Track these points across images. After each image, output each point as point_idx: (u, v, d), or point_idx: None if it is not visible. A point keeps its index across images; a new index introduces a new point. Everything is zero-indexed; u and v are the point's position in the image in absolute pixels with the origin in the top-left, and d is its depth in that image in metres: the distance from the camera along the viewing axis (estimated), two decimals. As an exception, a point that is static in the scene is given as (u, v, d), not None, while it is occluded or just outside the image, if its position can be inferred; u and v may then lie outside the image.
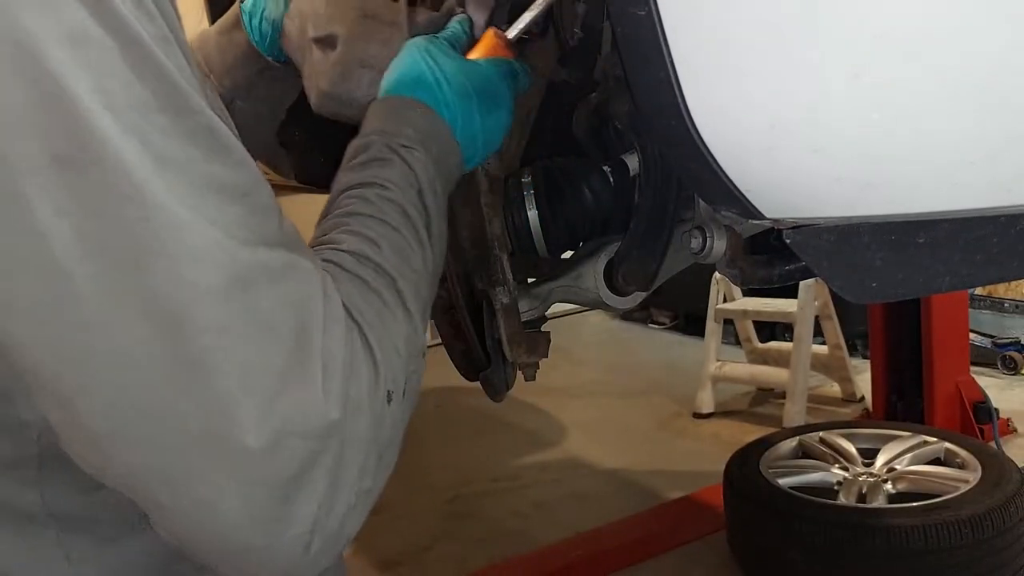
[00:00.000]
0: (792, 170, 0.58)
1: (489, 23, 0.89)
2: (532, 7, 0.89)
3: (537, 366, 1.11)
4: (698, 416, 3.73)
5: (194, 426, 0.49)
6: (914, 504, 2.17)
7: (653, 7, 0.55)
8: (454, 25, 0.87)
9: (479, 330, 1.09)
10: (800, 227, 0.66)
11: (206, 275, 0.49)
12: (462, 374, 1.12)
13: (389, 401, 0.57)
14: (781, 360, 3.68)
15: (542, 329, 1.16)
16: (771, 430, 3.00)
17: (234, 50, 1.00)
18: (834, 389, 3.82)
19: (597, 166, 1.17)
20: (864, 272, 0.65)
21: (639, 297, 1.14)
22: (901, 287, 0.68)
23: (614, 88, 1.13)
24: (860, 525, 2.11)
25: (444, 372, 1.26)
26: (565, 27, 1.18)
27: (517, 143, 1.16)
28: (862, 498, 2.33)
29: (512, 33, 0.87)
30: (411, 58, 0.79)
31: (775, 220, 0.66)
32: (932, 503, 2.16)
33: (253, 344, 0.50)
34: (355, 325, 0.57)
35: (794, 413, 3.42)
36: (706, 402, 3.73)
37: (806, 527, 2.15)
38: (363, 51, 0.85)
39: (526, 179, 1.13)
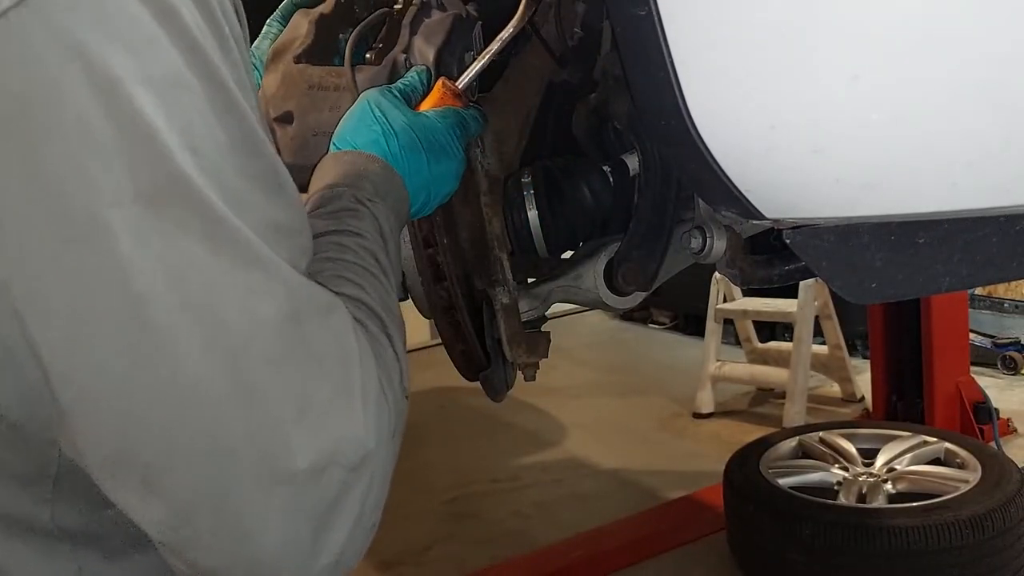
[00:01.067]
0: (792, 171, 0.58)
1: (438, 59, 0.92)
2: (479, 58, 0.94)
3: (537, 366, 1.11)
4: (698, 416, 3.73)
5: (248, 454, 0.50)
6: (914, 504, 2.17)
7: (653, 7, 0.55)
8: (411, 75, 0.91)
9: (479, 330, 1.09)
10: (800, 227, 0.66)
11: (268, 308, 0.51)
12: (462, 374, 1.12)
13: (393, 437, 0.60)
14: (781, 360, 3.68)
15: (542, 329, 1.16)
16: (771, 430, 3.00)
17: None
18: (834, 389, 3.82)
19: (597, 166, 1.17)
20: (864, 272, 0.66)
21: (639, 297, 1.14)
22: (901, 287, 0.68)
23: (614, 88, 1.13)
24: (860, 525, 2.11)
25: (444, 372, 1.26)
26: (565, 27, 1.18)
27: (517, 143, 1.16)
28: (862, 498, 2.33)
29: (462, 82, 0.92)
30: (362, 112, 0.83)
31: (775, 220, 0.66)
32: (932, 503, 2.16)
33: (304, 375, 0.52)
34: (376, 366, 0.59)
35: (794, 413, 3.42)
36: (706, 402, 3.73)
37: (806, 527, 2.15)
38: (315, 120, 0.91)
39: (526, 179, 1.13)
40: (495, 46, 0.93)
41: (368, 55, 0.98)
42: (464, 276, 1.07)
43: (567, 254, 1.18)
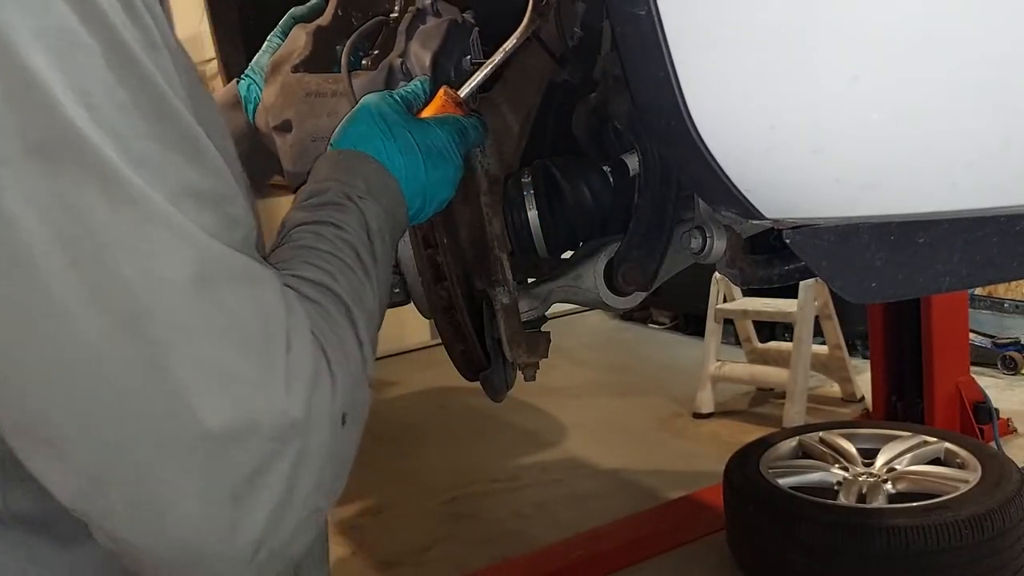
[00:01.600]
0: (792, 171, 0.58)
1: (434, 63, 0.92)
2: (482, 68, 0.94)
3: (537, 366, 1.11)
4: (698, 416, 3.73)
5: (154, 420, 0.49)
6: (914, 504, 2.17)
7: (653, 7, 0.55)
8: (415, 84, 0.91)
9: (479, 330, 1.09)
10: (800, 227, 0.66)
11: (173, 270, 0.49)
12: (462, 374, 1.12)
13: (343, 423, 0.58)
14: (781, 360, 3.68)
15: (542, 329, 1.16)
16: (771, 430, 3.00)
17: (231, 127, 1.05)
18: (834, 389, 3.82)
19: (597, 166, 1.17)
20: (864, 272, 0.65)
21: (639, 297, 1.14)
22: (901, 287, 0.68)
23: (614, 88, 1.13)
24: (860, 525, 2.11)
25: (444, 372, 1.26)
26: (565, 27, 1.18)
27: (517, 143, 1.16)
28: (862, 498, 2.33)
29: (464, 91, 0.92)
30: (361, 115, 0.83)
31: (775, 220, 0.66)
32: (932, 503, 2.16)
33: (217, 341, 0.51)
34: (315, 340, 0.58)
35: (794, 413, 3.42)
36: (706, 402, 3.73)
37: (806, 527, 2.15)
38: (313, 127, 0.92)
39: (526, 179, 1.13)
40: (498, 56, 0.94)
41: (365, 61, 0.98)
42: (464, 276, 1.07)
43: (567, 254, 1.18)
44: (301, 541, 0.56)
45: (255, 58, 1.10)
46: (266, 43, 1.10)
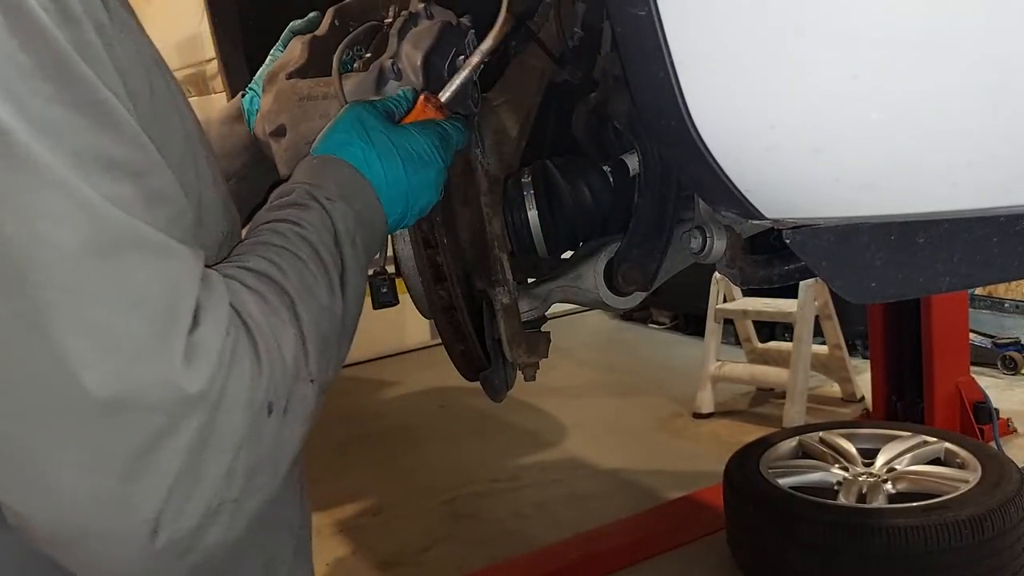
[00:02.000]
0: (792, 170, 0.58)
1: (425, 63, 0.93)
2: (460, 70, 0.95)
3: (537, 366, 1.11)
4: (698, 416, 3.73)
5: (35, 385, 0.48)
6: (914, 504, 2.17)
7: (653, 7, 0.55)
8: (399, 92, 0.91)
9: (479, 330, 1.09)
10: (800, 227, 0.66)
11: (64, 235, 0.49)
12: (462, 374, 1.12)
13: (269, 412, 0.57)
14: (781, 360, 3.68)
15: (542, 329, 1.16)
16: (771, 430, 3.00)
17: (234, 139, 1.07)
18: (834, 389, 3.82)
19: (597, 166, 1.17)
20: (864, 272, 0.65)
21: (639, 297, 1.14)
22: (901, 287, 0.68)
23: (614, 88, 1.13)
24: (860, 525, 2.11)
25: (444, 372, 1.25)
26: (565, 27, 1.18)
27: (517, 143, 1.16)
28: (862, 498, 2.33)
29: (444, 95, 0.93)
30: (342, 122, 0.83)
31: (775, 220, 0.66)
32: (932, 503, 2.16)
33: (107, 308, 0.50)
34: (242, 324, 0.57)
35: (794, 413, 3.42)
36: (706, 402, 3.73)
37: (806, 527, 2.15)
38: (307, 130, 0.92)
39: (526, 179, 1.13)
40: (475, 58, 0.95)
41: (356, 64, 0.99)
42: (464, 276, 1.07)
43: (567, 254, 1.18)
44: (216, 534, 0.54)
45: (258, 72, 1.11)
46: (269, 57, 1.11)
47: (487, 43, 0.96)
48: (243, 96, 1.09)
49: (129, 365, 0.50)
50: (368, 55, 1.00)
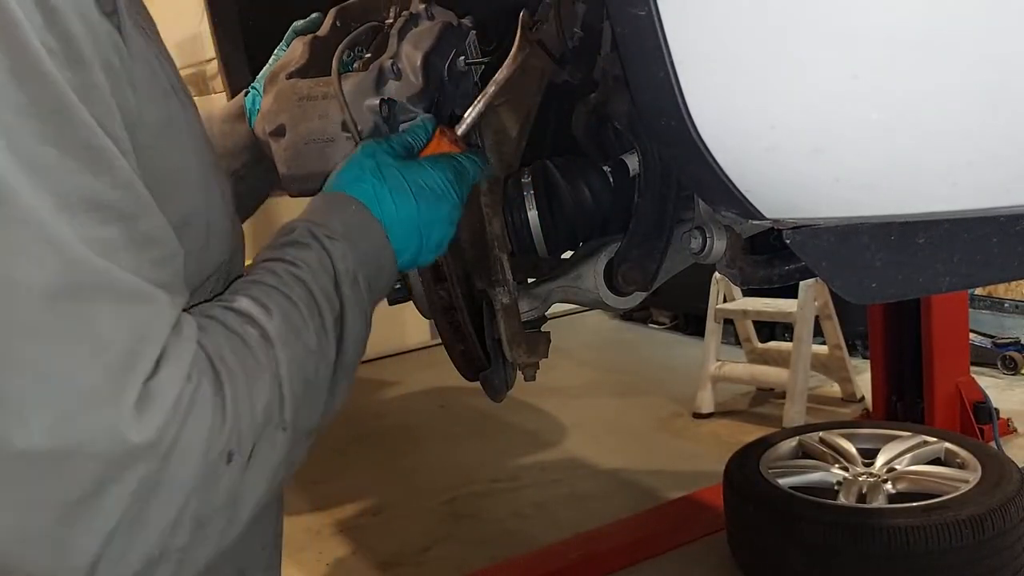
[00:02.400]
0: (792, 170, 0.58)
1: (425, 63, 0.93)
2: (475, 102, 0.96)
3: (537, 366, 1.11)
4: (698, 416, 3.73)
5: None
6: (914, 504, 2.17)
7: (653, 7, 0.55)
8: (416, 125, 0.91)
9: (479, 330, 1.09)
10: (800, 227, 0.66)
11: (33, 275, 0.49)
12: (462, 374, 1.12)
13: (229, 461, 0.56)
14: (781, 360, 3.68)
15: (542, 329, 1.16)
16: (771, 430, 3.00)
17: (235, 138, 1.07)
18: (834, 389, 3.82)
19: (597, 166, 1.17)
20: (864, 272, 0.65)
21: (639, 297, 1.14)
22: (901, 287, 0.68)
23: (614, 88, 1.13)
24: (860, 525, 2.11)
25: (444, 372, 1.25)
26: (565, 27, 1.18)
27: (517, 143, 1.16)
28: (862, 498, 2.33)
29: (461, 128, 0.94)
30: (354, 159, 0.82)
31: (775, 220, 0.66)
32: (932, 503, 2.16)
33: (60, 353, 0.50)
34: (210, 369, 0.56)
35: (794, 413, 3.42)
36: (706, 402, 3.73)
37: (806, 527, 2.15)
38: (306, 129, 0.92)
39: (526, 179, 1.13)
40: (491, 89, 0.95)
41: (356, 64, 0.99)
42: (464, 276, 1.07)
43: (567, 254, 1.18)
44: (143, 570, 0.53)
45: (261, 72, 1.11)
46: (272, 57, 1.12)
47: (503, 73, 0.96)
48: (245, 95, 1.10)
49: (76, 412, 0.49)
50: (368, 55, 1.00)
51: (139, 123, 0.60)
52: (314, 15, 1.12)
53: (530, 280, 1.17)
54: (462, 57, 0.97)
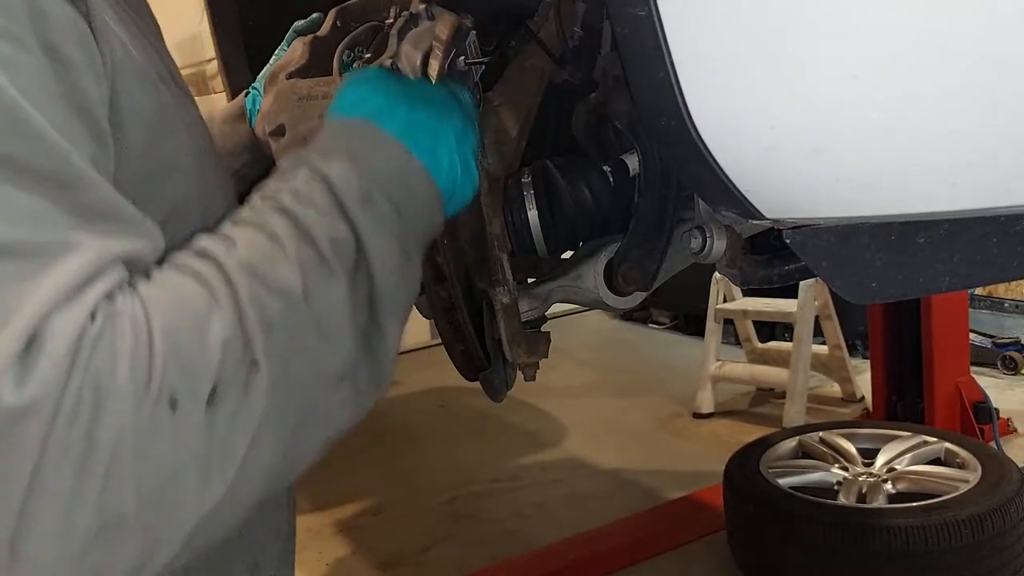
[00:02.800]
0: (792, 170, 0.58)
1: (424, 63, 0.91)
2: (435, 48, 0.90)
3: (537, 366, 1.11)
4: (698, 416, 3.73)
5: None
6: (914, 504, 2.17)
7: (653, 7, 0.55)
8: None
9: (479, 330, 1.09)
10: (800, 227, 0.66)
11: None
12: (462, 374, 1.12)
13: (173, 408, 0.50)
14: (781, 360, 3.68)
15: (542, 329, 1.16)
16: (771, 430, 3.00)
17: (235, 138, 1.06)
18: (834, 389, 3.82)
19: (597, 166, 1.17)
20: (864, 272, 0.65)
21: (639, 297, 1.14)
22: (901, 287, 0.68)
23: (614, 88, 1.13)
24: (860, 525, 2.11)
25: (444, 372, 1.25)
26: (565, 27, 1.18)
27: (517, 143, 1.16)
28: (862, 498, 2.33)
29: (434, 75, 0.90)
30: (348, 84, 0.78)
31: (775, 220, 0.66)
32: (932, 503, 2.16)
33: None
34: (137, 312, 0.51)
35: (794, 413, 3.42)
36: (706, 402, 3.73)
37: (806, 527, 2.15)
38: (306, 130, 0.93)
39: (526, 179, 1.13)
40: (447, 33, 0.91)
41: (356, 64, 1.00)
42: (464, 276, 1.07)
43: (567, 254, 1.18)
44: (106, 550, 0.48)
45: (261, 72, 1.12)
46: (273, 57, 1.12)
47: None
48: (246, 96, 1.10)
49: None
50: (368, 55, 1.01)
51: (118, 110, 0.58)
52: (315, 15, 1.13)
53: (530, 280, 1.17)
54: (462, 57, 0.97)
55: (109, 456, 0.48)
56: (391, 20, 1.02)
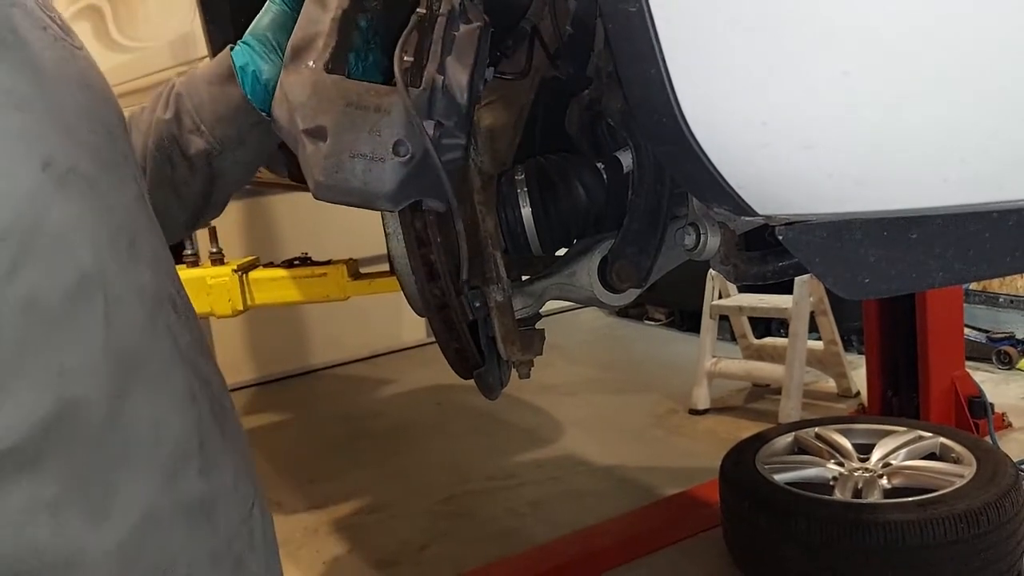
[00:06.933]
0: (784, 167, 0.58)
1: (471, 84, 0.88)
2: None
3: (532, 364, 1.11)
4: (694, 412, 3.73)
5: None
6: (910, 499, 2.18)
7: (644, 4, 0.55)
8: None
9: (473, 328, 1.09)
10: (792, 223, 0.65)
11: None
12: (457, 372, 1.12)
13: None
14: (776, 356, 3.68)
15: (536, 327, 1.16)
16: (767, 426, 3.00)
17: (227, 102, 1.01)
18: (829, 385, 3.83)
19: (591, 163, 1.16)
20: (857, 268, 0.65)
21: (633, 294, 1.14)
22: (894, 283, 0.68)
23: (607, 85, 1.13)
24: (856, 520, 2.11)
25: (441, 369, 1.25)
26: (558, 23, 1.18)
27: (510, 141, 1.15)
28: (858, 493, 2.33)
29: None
30: None
31: (767, 217, 0.66)
32: (928, 498, 2.17)
33: None
34: None
35: (789, 409, 3.43)
36: (702, 398, 3.73)
37: (802, 523, 2.15)
38: (352, 142, 0.85)
39: (520, 177, 1.13)
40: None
41: (401, 67, 0.88)
42: (458, 273, 1.07)
43: (561, 251, 1.18)
44: None
45: (254, 22, 1.03)
46: (268, 6, 1.02)
47: None
48: (232, 50, 1.02)
49: None
50: (408, 59, 0.89)
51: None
52: None
53: (524, 277, 1.17)
54: (491, 68, 0.94)
55: None
56: (423, 10, 0.92)
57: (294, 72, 0.90)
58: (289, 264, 2.80)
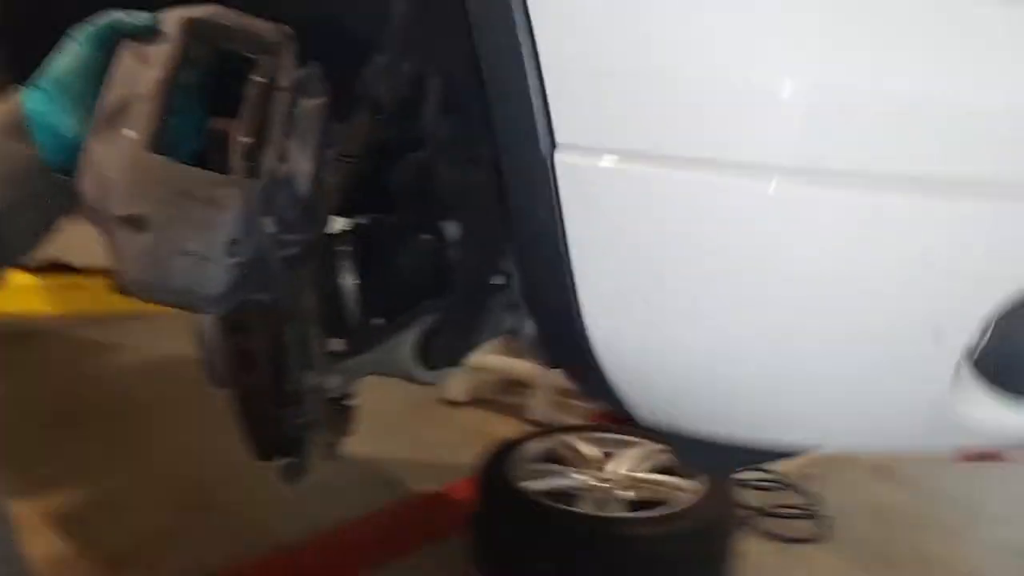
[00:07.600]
0: (671, 387, 0.59)
1: (315, 177, 0.80)
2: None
3: (338, 443, 1.06)
4: (449, 403, 3.77)
5: None
6: (645, 515, 2.34)
7: (559, 222, 0.53)
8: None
9: (279, 409, 1.02)
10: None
11: None
12: (256, 455, 1.05)
13: None
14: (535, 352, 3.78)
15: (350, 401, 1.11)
16: (521, 422, 3.08)
17: (13, 162, 0.84)
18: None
19: (416, 234, 1.13)
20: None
21: (449, 372, 1.13)
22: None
23: (440, 152, 1.10)
24: (600, 534, 2.25)
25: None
26: (386, 88, 1.10)
27: (331, 205, 1.08)
28: (600, 505, 2.47)
29: None
30: None
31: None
32: (663, 513, 2.35)
33: None
34: None
35: (538, 407, 3.55)
36: (458, 390, 3.78)
37: (546, 535, 2.26)
38: (180, 238, 0.74)
39: (343, 247, 1.07)
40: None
41: (240, 151, 0.78)
42: (274, 357, 1.00)
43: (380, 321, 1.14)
44: None
45: (51, 64, 0.84)
46: (70, 46, 0.83)
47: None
48: (22, 95, 0.83)
49: None
50: (247, 139, 0.78)
51: None
52: (143, 16, 0.83)
53: (338, 351, 1.11)
54: (329, 149, 0.85)
55: None
56: (259, 78, 0.81)
57: (108, 142, 0.76)
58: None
